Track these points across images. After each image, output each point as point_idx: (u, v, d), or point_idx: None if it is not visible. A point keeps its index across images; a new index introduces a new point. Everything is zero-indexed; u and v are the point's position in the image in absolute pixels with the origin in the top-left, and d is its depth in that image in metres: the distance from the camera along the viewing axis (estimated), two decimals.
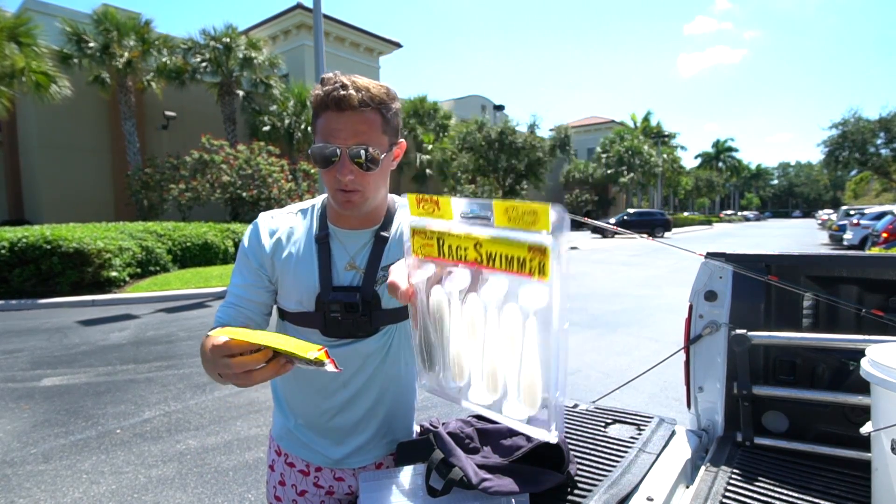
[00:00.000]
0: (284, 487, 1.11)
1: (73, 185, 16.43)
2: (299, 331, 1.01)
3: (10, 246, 7.56)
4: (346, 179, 0.88)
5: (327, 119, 0.87)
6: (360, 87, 0.86)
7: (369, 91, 0.86)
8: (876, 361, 0.94)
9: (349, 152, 0.87)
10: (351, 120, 0.86)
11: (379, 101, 0.88)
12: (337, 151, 0.87)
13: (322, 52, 8.22)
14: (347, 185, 0.89)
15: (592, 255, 15.46)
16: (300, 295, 0.99)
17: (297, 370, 1.01)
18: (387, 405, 1.08)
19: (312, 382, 1.04)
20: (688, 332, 1.52)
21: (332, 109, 0.86)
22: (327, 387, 1.03)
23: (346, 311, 0.96)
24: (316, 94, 0.88)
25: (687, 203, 62.92)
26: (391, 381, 1.07)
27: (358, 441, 1.06)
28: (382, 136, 0.90)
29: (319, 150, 0.88)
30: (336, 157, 0.88)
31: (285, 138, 18.27)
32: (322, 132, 0.88)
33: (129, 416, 3.45)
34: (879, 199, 34.94)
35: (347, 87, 0.85)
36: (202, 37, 16.59)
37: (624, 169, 33.46)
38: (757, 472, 1.15)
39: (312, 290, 0.98)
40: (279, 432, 1.12)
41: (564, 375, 0.47)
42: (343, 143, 0.87)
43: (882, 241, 11.87)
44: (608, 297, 7.94)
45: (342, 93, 0.84)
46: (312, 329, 1.00)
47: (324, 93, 0.86)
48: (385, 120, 0.90)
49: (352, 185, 0.89)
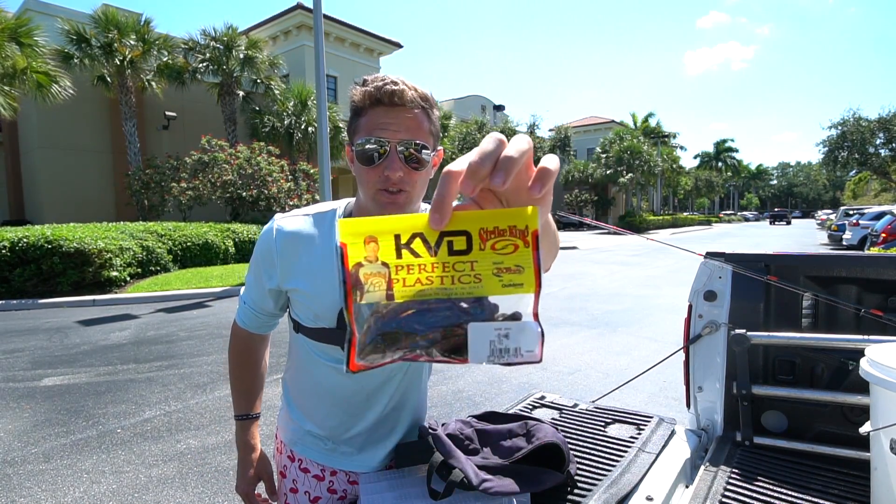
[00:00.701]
0: (297, 494, 1.08)
1: (74, 185, 16.43)
2: (316, 348, 0.97)
3: (10, 246, 7.57)
4: (395, 176, 0.82)
5: (375, 114, 0.83)
6: (410, 86, 0.84)
7: (418, 91, 0.84)
8: (875, 361, 0.94)
9: (400, 147, 0.82)
10: (402, 115, 0.82)
11: (427, 101, 0.85)
12: (387, 146, 0.82)
13: (322, 52, 8.22)
14: (395, 182, 0.83)
15: (592, 255, 15.46)
16: (319, 309, 0.93)
17: (317, 386, 1.01)
18: (407, 413, 1.07)
19: (333, 395, 1.00)
20: (687, 331, 1.52)
21: (383, 104, 0.82)
22: (349, 400, 1.00)
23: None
24: (363, 91, 0.84)
25: (686, 203, 62.93)
26: (412, 391, 1.06)
27: (379, 448, 1.05)
28: (429, 136, 0.86)
29: (365, 145, 0.83)
30: (385, 153, 0.82)
31: (285, 138, 18.26)
32: (367, 128, 0.83)
33: (129, 415, 3.45)
34: (878, 200, 34.96)
35: (399, 83, 0.82)
36: (202, 37, 16.59)
37: (623, 169, 33.45)
38: (756, 472, 1.15)
39: (334, 306, 0.92)
40: (292, 437, 1.08)
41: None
42: (394, 137, 0.82)
43: (881, 241, 11.88)
44: (608, 297, 7.94)
45: (395, 87, 0.81)
46: (332, 346, 0.95)
47: (374, 88, 0.82)
48: (431, 121, 0.87)
49: (399, 183, 0.84)
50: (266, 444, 1.15)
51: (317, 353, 0.99)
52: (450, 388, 3.96)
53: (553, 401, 1.52)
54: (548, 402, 1.51)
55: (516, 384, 4.03)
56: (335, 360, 0.98)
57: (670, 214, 43.15)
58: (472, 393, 3.84)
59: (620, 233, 3.50)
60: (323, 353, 0.98)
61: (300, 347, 1.02)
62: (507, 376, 4.21)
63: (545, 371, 4.36)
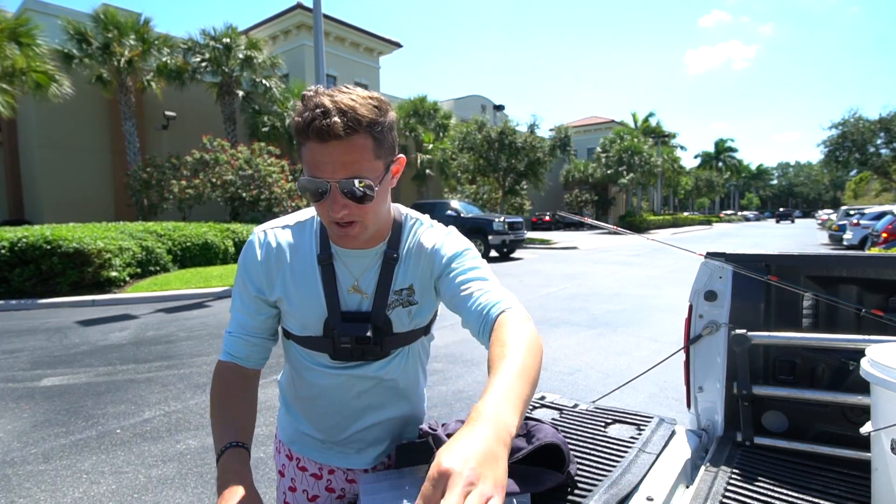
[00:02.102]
0: (295, 493, 1.09)
1: (74, 185, 16.44)
2: (306, 353, 0.98)
3: (10, 246, 7.57)
4: (339, 215, 0.79)
5: (311, 151, 0.77)
6: (345, 108, 0.74)
7: (356, 112, 0.75)
8: (876, 361, 0.94)
9: (340, 187, 0.77)
10: (338, 150, 0.75)
11: (368, 122, 0.76)
12: (327, 186, 0.77)
13: (322, 52, 8.23)
14: (343, 218, 0.81)
15: (592, 255, 15.46)
16: (305, 319, 0.93)
17: (312, 388, 1.01)
18: (401, 416, 1.07)
19: (327, 397, 1.01)
20: (687, 332, 1.52)
21: (315, 140, 0.75)
22: (343, 401, 1.00)
23: (356, 343, 0.91)
24: (295, 121, 0.77)
25: (687, 203, 62.97)
26: (404, 394, 1.06)
27: (374, 448, 1.06)
28: (376, 161, 0.80)
29: (307, 184, 0.79)
30: (326, 192, 0.78)
31: (285, 138, 18.28)
32: (307, 164, 0.78)
33: (129, 415, 3.45)
34: (879, 199, 34.95)
35: (330, 112, 0.73)
36: (202, 37, 16.61)
37: (624, 169, 33.45)
38: (757, 472, 1.15)
39: (319, 315, 0.92)
40: (290, 436, 1.08)
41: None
42: (332, 177, 0.77)
43: (882, 241, 11.87)
44: (608, 297, 7.94)
45: (324, 122, 0.73)
46: (321, 353, 0.96)
47: (303, 121, 0.75)
48: (377, 142, 0.79)
49: (348, 217, 0.81)
50: (266, 445, 1.15)
51: (307, 358, 0.99)
52: (450, 388, 3.96)
53: (553, 401, 1.52)
54: (548, 403, 1.51)
55: None
56: (325, 365, 0.98)
57: (670, 214, 43.19)
58: (473, 393, 3.84)
59: (621, 233, 3.50)
60: (314, 360, 0.99)
61: (293, 352, 1.03)
62: None
63: (545, 371, 4.36)
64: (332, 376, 0.98)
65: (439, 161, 24.83)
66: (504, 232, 14.26)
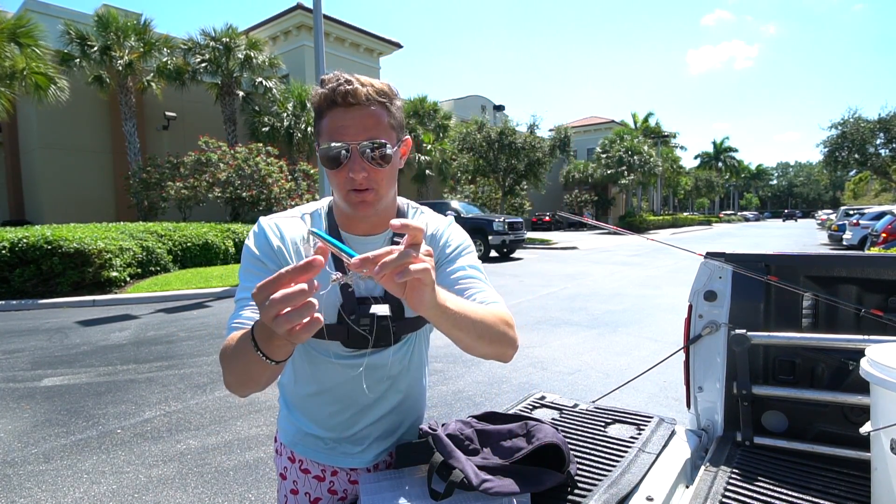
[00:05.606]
0: (297, 496, 1.08)
1: (74, 185, 16.44)
2: (315, 344, 0.98)
3: (10, 246, 7.57)
4: (359, 177, 0.84)
5: (334, 117, 0.84)
6: (364, 82, 0.85)
7: (373, 86, 0.85)
8: (875, 361, 0.94)
9: (360, 149, 0.84)
10: (359, 115, 0.84)
11: (384, 95, 0.86)
12: (348, 148, 0.84)
13: (322, 52, 8.23)
14: (361, 183, 0.85)
15: (592, 255, 15.46)
16: (318, 307, 0.94)
17: (319, 385, 1.00)
18: (407, 411, 1.08)
19: (335, 393, 1.01)
20: (687, 331, 1.52)
21: (339, 106, 0.84)
22: (352, 396, 1.01)
23: (377, 323, 0.93)
24: (319, 93, 0.85)
25: (686, 203, 62.94)
26: (411, 388, 1.07)
27: (379, 445, 1.06)
28: (391, 131, 0.88)
29: (328, 150, 0.84)
30: (346, 155, 0.84)
31: (285, 139, 18.27)
32: (328, 131, 0.85)
33: (129, 416, 3.45)
34: (879, 200, 34.97)
35: (352, 82, 0.83)
36: (202, 37, 16.60)
37: (624, 169, 33.44)
38: (756, 472, 1.15)
39: (333, 302, 0.94)
40: (293, 438, 1.08)
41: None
42: (353, 140, 0.84)
43: (881, 241, 11.88)
44: (608, 298, 7.94)
45: (348, 87, 0.82)
46: (332, 342, 0.96)
47: (328, 90, 0.84)
48: (391, 114, 0.88)
49: (366, 182, 0.85)
50: (266, 445, 1.15)
51: (317, 350, 0.99)
52: (450, 388, 3.96)
53: (553, 401, 1.52)
54: (548, 403, 1.51)
55: (516, 384, 4.03)
56: (337, 355, 0.98)
57: (670, 214, 43.17)
58: (473, 393, 3.84)
59: (620, 233, 3.51)
60: (325, 350, 0.99)
61: (299, 347, 1.02)
62: (507, 377, 4.21)
63: (545, 371, 4.36)
64: (341, 367, 0.98)
65: (439, 162, 24.82)
66: (504, 232, 14.26)
